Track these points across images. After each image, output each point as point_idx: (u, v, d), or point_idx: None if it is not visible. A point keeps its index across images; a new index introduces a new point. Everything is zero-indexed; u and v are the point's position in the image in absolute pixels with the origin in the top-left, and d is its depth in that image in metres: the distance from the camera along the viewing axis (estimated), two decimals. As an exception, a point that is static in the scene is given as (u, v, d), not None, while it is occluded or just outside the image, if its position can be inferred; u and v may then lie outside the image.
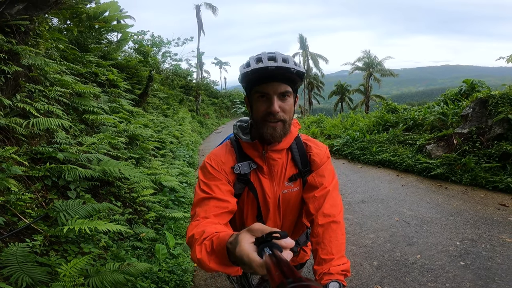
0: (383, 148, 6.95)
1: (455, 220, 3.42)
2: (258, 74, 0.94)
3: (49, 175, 2.55)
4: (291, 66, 0.93)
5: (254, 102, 0.99)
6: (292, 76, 0.96)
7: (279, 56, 0.95)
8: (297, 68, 0.94)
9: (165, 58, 14.74)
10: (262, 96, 0.97)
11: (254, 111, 1.01)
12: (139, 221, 3.00)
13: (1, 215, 1.82)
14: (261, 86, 0.96)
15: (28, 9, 2.58)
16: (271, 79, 0.94)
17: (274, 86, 0.95)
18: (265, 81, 0.95)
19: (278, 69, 0.92)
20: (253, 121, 1.04)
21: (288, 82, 0.97)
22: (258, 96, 0.98)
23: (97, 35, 6.52)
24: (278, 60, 0.93)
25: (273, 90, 0.95)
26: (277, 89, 0.95)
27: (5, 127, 2.44)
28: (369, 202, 4.25)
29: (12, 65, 2.57)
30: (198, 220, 0.91)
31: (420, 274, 2.41)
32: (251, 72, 0.94)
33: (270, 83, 0.95)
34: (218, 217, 0.93)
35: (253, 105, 1.00)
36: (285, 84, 0.96)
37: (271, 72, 0.92)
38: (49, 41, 3.87)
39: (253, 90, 0.99)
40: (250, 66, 0.95)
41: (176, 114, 11.81)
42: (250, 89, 1.01)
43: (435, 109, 7.10)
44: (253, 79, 0.97)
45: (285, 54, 0.98)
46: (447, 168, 5.03)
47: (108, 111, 4.76)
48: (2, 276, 1.53)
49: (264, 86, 0.95)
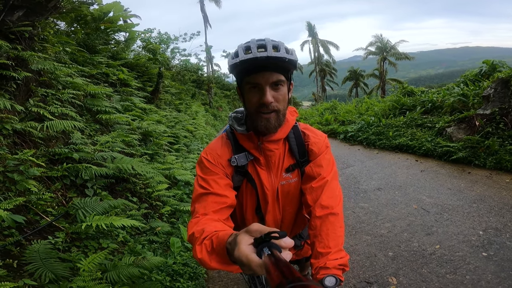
0: (400, 132, 6.73)
1: (478, 207, 3.24)
2: (248, 65, 0.90)
3: (67, 174, 2.64)
4: (282, 55, 0.88)
5: (246, 93, 0.96)
6: (284, 65, 0.91)
7: (269, 44, 0.90)
8: (289, 56, 0.89)
9: (174, 54, 14.83)
10: (253, 87, 0.93)
11: (246, 102, 0.98)
12: (155, 215, 3.08)
13: (24, 214, 1.91)
14: (251, 77, 0.92)
15: (28, 15, 2.63)
16: (262, 69, 0.90)
17: (266, 76, 0.90)
18: (256, 71, 0.91)
19: (269, 59, 0.88)
20: (247, 112, 1.02)
21: (280, 71, 0.92)
22: (249, 87, 0.94)
23: (104, 36, 6.62)
24: (268, 49, 0.88)
25: (265, 80, 0.91)
26: (268, 79, 0.91)
27: (21, 131, 2.53)
28: (386, 190, 4.14)
29: (21, 71, 2.65)
30: (198, 217, 0.90)
31: (438, 265, 2.31)
32: (240, 63, 0.89)
33: (261, 73, 0.90)
34: (217, 213, 0.92)
35: (245, 96, 0.97)
36: (277, 73, 0.92)
37: (261, 62, 0.88)
38: (56, 45, 3.96)
39: (244, 80, 0.95)
40: (238, 56, 0.90)
41: (189, 109, 11.93)
42: (241, 79, 0.97)
43: (455, 91, 6.75)
44: (243, 69, 0.93)
45: (276, 40, 0.92)
46: (470, 152, 4.79)
47: (121, 109, 4.86)
48: (28, 272, 1.61)
49: (255, 76, 0.91)
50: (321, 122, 10.98)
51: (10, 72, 2.60)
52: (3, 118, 2.43)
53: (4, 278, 1.44)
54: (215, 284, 2.33)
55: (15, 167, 2.08)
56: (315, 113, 13.61)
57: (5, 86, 2.64)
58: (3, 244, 1.63)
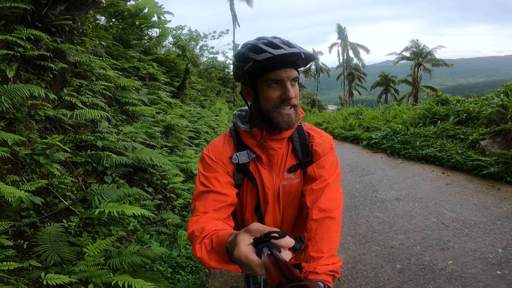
0: (429, 142, 6.37)
1: (502, 224, 3.03)
2: (274, 61, 0.90)
3: (90, 161, 2.82)
4: (301, 50, 0.90)
5: (264, 90, 0.95)
6: (299, 61, 0.95)
7: (286, 41, 0.93)
8: (305, 51, 0.92)
9: (203, 51, 15.16)
10: (275, 83, 0.93)
11: (263, 100, 0.96)
12: (167, 207, 3.19)
13: (43, 197, 2.05)
14: (273, 73, 0.92)
15: (70, 9, 2.83)
16: (285, 65, 0.92)
17: (288, 72, 0.92)
18: (279, 67, 0.92)
19: (293, 55, 0.90)
20: (261, 111, 0.98)
21: (296, 67, 0.95)
22: (269, 84, 0.93)
23: (138, 31, 6.94)
24: (291, 45, 0.91)
25: (287, 76, 0.92)
26: (290, 75, 0.93)
27: (53, 118, 2.74)
28: (405, 201, 3.95)
29: (59, 62, 2.85)
30: (198, 215, 0.91)
31: (446, 282, 2.19)
32: (272, 58, 0.87)
33: (283, 69, 0.92)
34: (217, 212, 0.93)
35: (262, 94, 0.95)
36: (295, 69, 0.95)
37: (286, 58, 0.91)
38: (94, 39, 4.21)
39: (261, 77, 0.94)
40: (264, 52, 0.88)
41: (213, 105, 12.15)
42: (256, 76, 0.95)
43: (494, 101, 6.25)
44: (266, 65, 0.92)
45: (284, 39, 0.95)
46: (503, 167, 4.43)
47: (147, 102, 5.07)
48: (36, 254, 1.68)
49: (277, 72, 0.92)
50: (344, 127, 10.64)
51: (48, 63, 2.82)
52: (37, 105, 2.64)
53: (12, 259, 1.51)
54: (215, 280, 2.37)
55: (42, 150, 2.26)
56: (339, 118, 13.26)
57: (43, 75, 2.86)
58: (18, 225, 1.73)
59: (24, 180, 1.98)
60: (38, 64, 2.77)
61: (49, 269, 1.59)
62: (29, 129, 2.40)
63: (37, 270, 1.55)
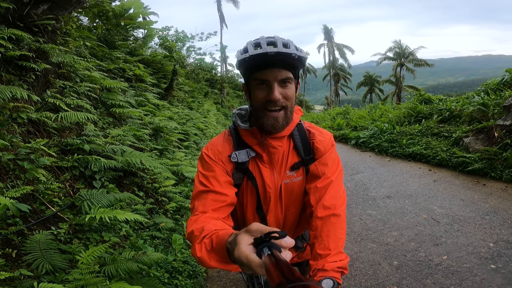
0: (414, 140, 6.55)
1: (491, 219, 3.13)
2: (257, 61, 0.89)
3: (77, 165, 2.70)
4: (292, 51, 0.87)
5: (253, 89, 0.95)
6: (293, 62, 0.90)
7: (279, 41, 0.89)
8: (298, 53, 0.88)
9: (190, 52, 15.00)
10: (261, 83, 0.92)
11: (253, 99, 0.96)
12: (159, 211, 3.10)
13: (30, 203, 1.94)
14: (260, 73, 0.91)
15: (53, 8, 2.71)
16: (271, 65, 0.89)
17: (274, 73, 0.90)
18: (265, 67, 0.90)
19: (279, 55, 0.86)
20: (252, 110, 1.00)
21: (289, 68, 0.91)
22: (257, 84, 0.93)
23: (124, 32, 6.78)
24: (278, 45, 0.87)
25: (273, 77, 0.90)
26: (277, 76, 0.90)
27: (36, 121, 2.61)
28: (395, 198, 4.02)
29: (41, 63, 2.72)
30: (197, 215, 0.90)
31: (443, 277, 2.24)
32: (249, 59, 0.89)
33: (269, 69, 0.90)
34: (216, 211, 0.92)
35: (252, 92, 0.96)
36: (286, 70, 0.91)
37: (271, 58, 0.87)
38: (78, 39, 4.06)
39: (251, 77, 0.94)
40: (248, 52, 0.90)
41: (201, 107, 12.02)
42: (249, 76, 0.96)
43: (475, 100, 6.51)
44: (251, 65, 0.92)
45: (285, 39, 0.91)
46: (486, 163, 4.60)
47: (135, 104, 4.94)
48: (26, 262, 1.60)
49: (264, 72, 0.90)
50: (333, 127, 10.85)
51: (30, 63, 2.68)
52: (20, 108, 2.51)
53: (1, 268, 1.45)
54: (214, 284, 2.32)
55: (26, 155, 2.14)
56: (327, 118, 13.45)
57: (24, 77, 2.72)
58: (5, 233, 1.64)
59: (9, 186, 1.87)
60: (20, 64, 2.64)
61: (41, 278, 1.52)
62: (11, 133, 2.27)
63: (29, 279, 1.48)
